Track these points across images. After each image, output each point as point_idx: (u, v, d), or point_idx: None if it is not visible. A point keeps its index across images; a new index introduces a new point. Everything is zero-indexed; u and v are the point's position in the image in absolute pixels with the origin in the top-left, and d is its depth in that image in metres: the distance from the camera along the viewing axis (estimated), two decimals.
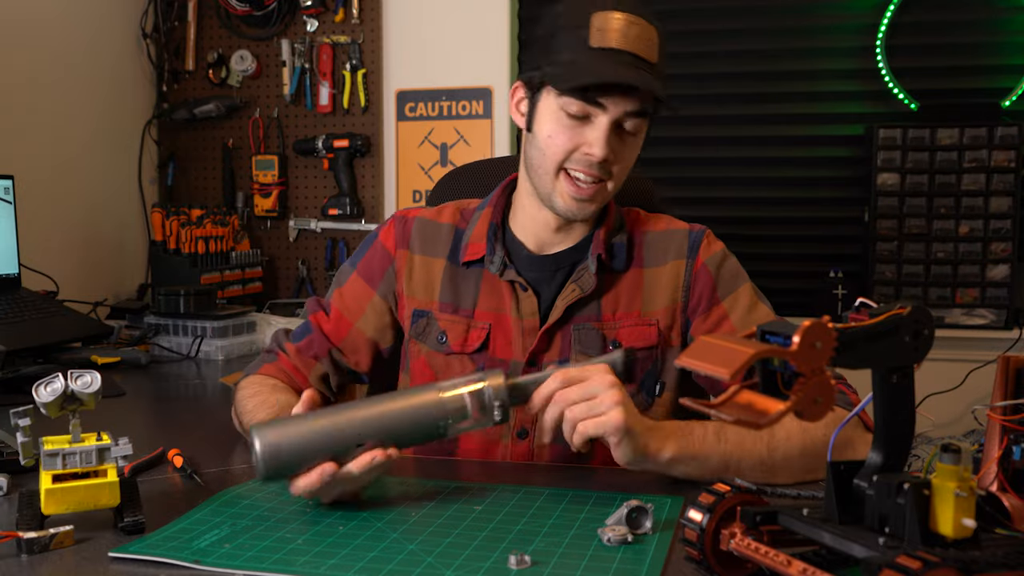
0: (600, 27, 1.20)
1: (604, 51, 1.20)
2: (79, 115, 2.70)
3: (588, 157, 1.24)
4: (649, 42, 1.22)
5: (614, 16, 1.21)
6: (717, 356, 0.69)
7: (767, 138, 2.91)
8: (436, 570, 0.88)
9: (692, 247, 1.36)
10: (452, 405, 1.06)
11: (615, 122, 1.24)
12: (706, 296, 1.33)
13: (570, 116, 1.24)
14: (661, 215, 1.43)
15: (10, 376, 1.75)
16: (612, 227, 1.36)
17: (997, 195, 2.68)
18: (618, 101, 1.22)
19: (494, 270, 1.34)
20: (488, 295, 1.35)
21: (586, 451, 1.10)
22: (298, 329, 1.42)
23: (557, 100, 1.24)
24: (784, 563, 0.74)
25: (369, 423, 1.05)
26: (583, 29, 1.21)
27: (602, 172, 1.26)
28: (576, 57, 1.22)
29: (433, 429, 1.07)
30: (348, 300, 1.40)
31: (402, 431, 1.06)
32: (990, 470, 0.88)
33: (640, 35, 1.21)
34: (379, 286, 1.40)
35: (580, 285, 1.32)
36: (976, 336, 2.70)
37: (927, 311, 0.74)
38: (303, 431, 1.03)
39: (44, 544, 0.92)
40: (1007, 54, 2.76)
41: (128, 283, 2.90)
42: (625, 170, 1.30)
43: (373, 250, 1.42)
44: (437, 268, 1.38)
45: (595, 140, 1.23)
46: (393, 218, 1.43)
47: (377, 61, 2.91)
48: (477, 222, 1.39)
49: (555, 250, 1.36)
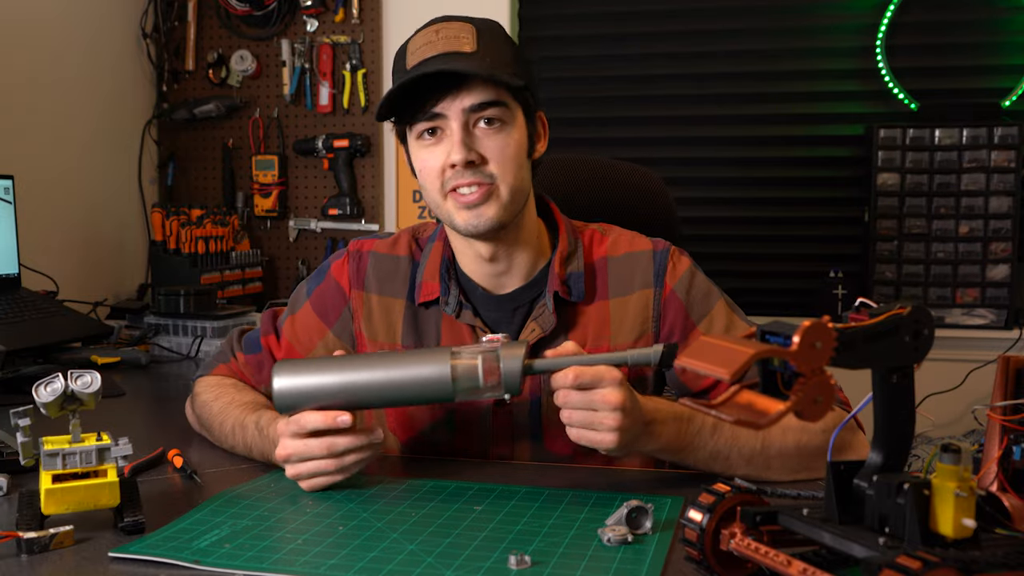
0: (411, 51, 1.23)
1: (415, 67, 1.21)
2: (79, 115, 2.70)
3: (453, 168, 1.22)
4: (459, 38, 1.21)
5: (420, 35, 1.24)
6: (717, 356, 0.69)
7: (767, 138, 2.91)
8: (436, 570, 0.88)
9: (658, 273, 1.30)
10: (464, 373, 1.09)
11: (465, 123, 1.22)
12: (679, 324, 1.30)
13: (425, 140, 1.24)
14: (622, 232, 1.36)
15: (10, 376, 1.75)
16: (566, 253, 1.31)
17: (997, 195, 2.68)
18: (450, 102, 1.21)
19: (450, 311, 1.30)
20: (449, 335, 1.31)
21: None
22: (249, 341, 1.41)
23: (411, 134, 1.26)
24: (784, 563, 0.74)
25: (382, 385, 1.12)
26: (402, 61, 1.24)
27: (477, 176, 1.21)
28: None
29: (443, 395, 1.11)
30: (299, 332, 1.38)
31: (412, 395, 1.12)
32: (990, 470, 0.88)
33: (448, 35, 1.21)
34: (334, 324, 1.37)
35: (540, 324, 1.28)
36: (976, 336, 2.70)
37: (927, 311, 0.74)
38: (319, 383, 1.12)
39: (44, 544, 0.92)
40: (1007, 54, 2.76)
41: (128, 283, 2.90)
42: (510, 166, 1.23)
43: (327, 283, 1.38)
44: (397, 309, 1.34)
45: (451, 147, 1.22)
46: (347, 252, 1.39)
47: (377, 61, 2.91)
48: (429, 256, 1.35)
49: (509, 288, 1.31)
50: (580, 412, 1.06)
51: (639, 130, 2.99)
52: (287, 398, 1.12)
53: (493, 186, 1.22)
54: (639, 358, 1.07)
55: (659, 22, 2.95)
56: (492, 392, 1.10)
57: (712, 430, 1.15)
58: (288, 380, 1.12)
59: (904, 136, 2.72)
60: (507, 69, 1.21)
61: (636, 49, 2.96)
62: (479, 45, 1.21)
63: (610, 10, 2.95)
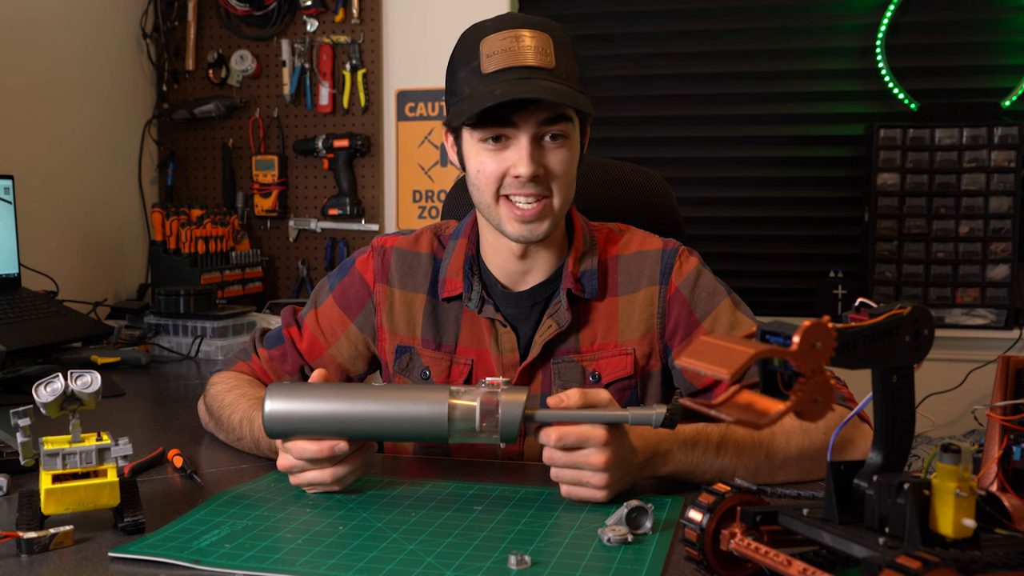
0: (488, 53, 1.22)
1: (496, 73, 1.21)
2: (79, 115, 2.70)
3: (517, 179, 1.23)
4: (540, 50, 1.22)
5: (498, 38, 1.23)
6: (717, 356, 0.69)
7: (767, 138, 2.91)
8: (436, 570, 0.88)
9: (664, 271, 1.32)
10: (462, 415, 1.06)
11: (534, 136, 1.23)
12: (683, 321, 1.31)
13: (489, 145, 1.25)
14: (635, 231, 1.39)
15: (10, 376, 1.75)
16: (580, 251, 1.34)
17: (997, 195, 2.68)
18: (526, 116, 1.22)
19: (472, 307, 1.33)
20: (469, 330, 1.34)
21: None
22: (271, 337, 1.42)
23: (473, 135, 1.26)
24: (784, 563, 0.74)
25: (375, 419, 1.07)
26: (475, 60, 1.23)
27: (538, 189, 1.24)
28: (473, 89, 1.23)
29: (437, 434, 1.07)
30: (323, 325, 1.40)
31: (405, 431, 1.08)
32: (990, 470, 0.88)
33: (529, 46, 1.22)
34: (357, 317, 1.39)
35: (556, 320, 1.31)
36: (976, 336, 2.70)
37: (927, 311, 0.74)
38: (312, 411, 1.08)
39: (44, 544, 0.92)
40: (1007, 54, 2.76)
41: (128, 283, 2.90)
42: (566, 180, 1.26)
43: (351, 277, 1.40)
44: (418, 303, 1.37)
45: (518, 160, 1.23)
46: (371, 248, 1.41)
47: (377, 61, 2.91)
48: (453, 253, 1.37)
49: (528, 285, 1.34)
50: (568, 471, 1.06)
51: (639, 130, 3.00)
52: (277, 423, 1.08)
53: (549, 200, 1.26)
54: (639, 419, 1.03)
55: (659, 22, 2.95)
56: (488, 436, 1.06)
57: (716, 450, 1.13)
58: (279, 404, 1.08)
59: (904, 136, 2.72)
60: (577, 85, 1.23)
61: (636, 49, 2.96)
62: (557, 59, 1.22)
63: (610, 10, 2.95)
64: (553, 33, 1.24)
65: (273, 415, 1.08)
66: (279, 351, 1.40)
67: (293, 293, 3.02)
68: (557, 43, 1.23)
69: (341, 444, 1.07)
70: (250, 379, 1.39)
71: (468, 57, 1.25)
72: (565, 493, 1.08)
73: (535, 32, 1.23)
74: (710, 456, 1.13)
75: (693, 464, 1.13)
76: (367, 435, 1.10)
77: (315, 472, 1.10)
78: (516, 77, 1.20)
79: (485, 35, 1.24)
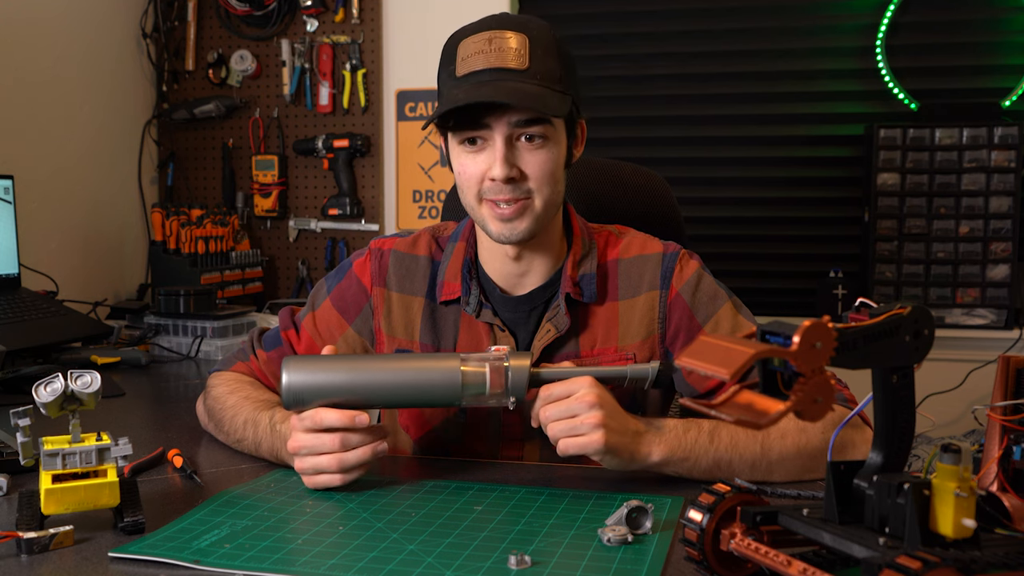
0: (463, 55, 1.23)
1: (466, 77, 1.21)
2: (79, 115, 2.70)
3: (493, 182, 1.23)
4: (514, 51, 1.21)
5: (473, 40, 1.23)
6: (717, 356, 0.69)
7: (767, 138, 2.91)
8: (436, 570, 0.88)
9: (665, 276, 1.32)
10: (472, 380, 1.12)
11: (508, 138, 1.22)
12: (684, 326, 1.31)
13: (467, 147, 1.25)
14: (636, 234, 1.38)
15: (10, 376, 1.75)
16: (579, 255, 1.33)
17: (997, 195, 2.68)
18: (498, 118, 1.21)
19: (470, 311, 1.32)
20: (467, 334, 1.34)
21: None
22: (269, 338, 1.42)
23: (454, 138, 1.26)
24: (784, 563, 0.74)
25: (391, 386, 1.13)
26: (452, 64, 1.24)
27: (515, 192, 1.24)
28: (447, 92, 1.24)
29: (450, 398, 1.13)
30: (321, 328, 1.40)
31: (419, 396, 1.15)
32: (990, 470, 0.88)
33: (503, 47, 1.21)
34: (354, 320, 1.39)
35: (555, 324, 1.30)
36: (976, 336, 2.70)
37: (927, 311, 0.74)
38: (330, 380, 1.13)
39: (44, 544, 0.92)
40: (1007, 54, 2.76)
41: (128, 283, 2.90)
42: (546, 181, 1.24)
43: (348, 280, 1.40)
44: (416, 306, 1.36)
45: (493, 162, 1.23)
46: (369, 250, 1.40)
47: (377, 61, 2.91)
48: (451, 256, 1.36)
49: (526, 289, 1.33)
50: (561, 422, 1.09)
51: (639, 130, 3.00)
52: (295, 393, 1.12)
53: (529, 200, 1.25)
54: (638, 372, 1.13)
55: (659, 22, 2.95)
56: (497, 398, 1.13)
57: (710, 437, 1.14)
58: (297, 375, 1.13)
59: (904, 136, 2.72)
60: (556, 85, 1.22)
61: (636, 49, 2.96)
62: (531, 60, 1.21)
63: (610, 10, 2.95)
64: (532, 33, 1.23)
65: (291, 385, 1.12)
66: (277, 353, 1.40)
67: (293, 293, 3.02)
68: (535, 43, 1.22)
69: (363, 416, 1.10)
70: (251, 380, 1.39)
71: (447, 60, 1.26)
72: (562, 448, 1.09)
73: (512, 33, 1.22)
74: (703, 442, 1.14)
75: (686, 449, 1.14)
76: (383, 402, 1.16)
77: (324, 457, 1.10)
78: (485, 80, 1.20)
79: (463, 38, 1.25)
